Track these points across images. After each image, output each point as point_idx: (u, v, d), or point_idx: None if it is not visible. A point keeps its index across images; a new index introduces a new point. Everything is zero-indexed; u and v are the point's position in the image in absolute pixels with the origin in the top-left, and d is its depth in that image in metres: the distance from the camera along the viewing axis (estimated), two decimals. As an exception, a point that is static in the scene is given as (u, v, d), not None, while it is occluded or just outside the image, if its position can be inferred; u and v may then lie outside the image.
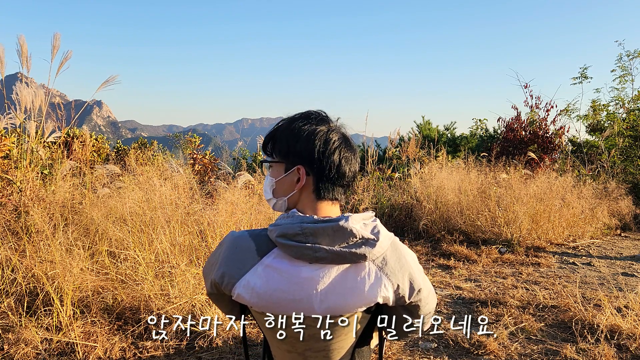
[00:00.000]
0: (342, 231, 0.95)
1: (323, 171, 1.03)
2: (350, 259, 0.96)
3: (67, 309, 2.50)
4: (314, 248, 0.95)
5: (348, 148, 1.06)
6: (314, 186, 1.04)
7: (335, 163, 1.03)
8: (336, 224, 0.96)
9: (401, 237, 5.47)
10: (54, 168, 4.12)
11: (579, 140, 10.43)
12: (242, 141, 10.02)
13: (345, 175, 1.06)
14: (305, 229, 0.96)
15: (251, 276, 0.98)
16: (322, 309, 0.97)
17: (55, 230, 3.03)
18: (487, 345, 2.57)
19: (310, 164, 1.03)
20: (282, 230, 0.97)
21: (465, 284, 3.82)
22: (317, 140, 1.03)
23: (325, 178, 1.04)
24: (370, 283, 0.97)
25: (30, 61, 3.88)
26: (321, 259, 0.95)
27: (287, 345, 1.06)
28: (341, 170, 1.04)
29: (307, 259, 0.96)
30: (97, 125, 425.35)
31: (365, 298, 0.97)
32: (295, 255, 0.96)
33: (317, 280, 0.96)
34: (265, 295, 0.97)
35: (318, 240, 0.96)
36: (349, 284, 0.97)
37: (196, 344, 2.54)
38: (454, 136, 12.66)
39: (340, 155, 1.04)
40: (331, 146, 1.03)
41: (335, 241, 0.96)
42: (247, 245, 1.01)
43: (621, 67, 11.05)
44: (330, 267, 0.97)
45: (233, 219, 3.47)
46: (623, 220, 6.52)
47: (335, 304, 0.97)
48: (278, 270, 0.97)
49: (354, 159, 1.08)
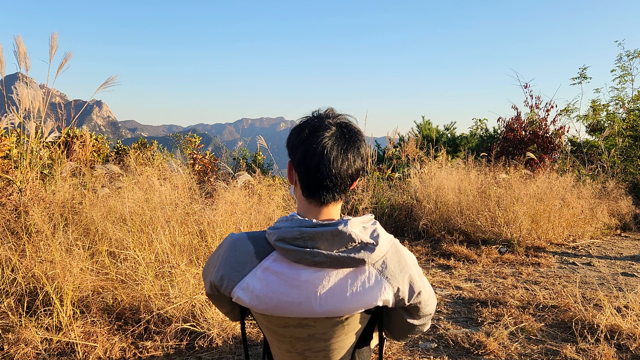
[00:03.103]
0: (341, 236, 0.94)
1: (306, 170, 1.00)
2: (349, 264, 0.96)
3: (67, 309, 2.50)
4: (313, 253, 0.94)
5: (341, 146, 0.99)
6: (302, 185, 1.03)
7: (315, 162, 0.98)
8: (335, 228, 0.95)
9: (401, 237, 5.47)
10: (54, 168, 4.12)
11: (578, 140, 10.43)
12: (242, 141, 10.01)
13: (331, 176, 0.99)
14: (304, 233, 0.95)
15: (250, 279, 0.98)
16: (322, 311, 0.97)
17: (55, 230, 3.03)
18: (487, 345, 2.57)
19: (294, 161, 1.03)
20: (281, 234, 0.96)
21: (465, 284, 3.82)
22: (301, 136, 1.00)
23: (308, 177, 1.00)
24: (370, 286, 0.96)
25: (28, 61, 3.89)
26: (320, 264, 0.95)
27: (287, 345, 1.06)
28: (323, 170, 0.98)
29: (306, 262, 0.95)
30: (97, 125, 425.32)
31: (366, 301, 0.97)
32: (294, 259, 0.96)
33: (316, 284, 0.96)
34: (265, 298, 0.97)
35: (317, 244, 0.95)
36: (349, 288, 0.96)
37: (196, 344, 2.54)
38: (454, 136, 12.66)
39: (325, 154, 0.98)
40: (315, 143, 0.98)
41: (333, 245, 0.95)
42: (246, 248, 1.01)
43: (621, 67, 11.06)
44: (330, 270, 0.96)
45: (233, 219, 3.47)
46: (623, 220, 6.52)
47: (335, 307, 0.96)
48: (277, 273, 0.97)
49: (349, 158, 1.00)
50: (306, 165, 0.99)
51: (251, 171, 6.81)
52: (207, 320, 2.66)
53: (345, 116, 1.05)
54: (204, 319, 2.67)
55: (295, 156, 1.02)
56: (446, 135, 12.67)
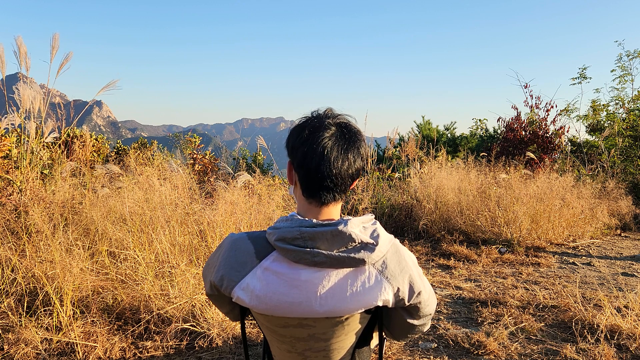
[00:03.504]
0: (341, 236, 0.95)
1: (307, 170, 1.00)
2: (349, 264, 0.96)
3: (67, 309, 2.50)
4: (313, 252, 0.94)
5: (341, 146, 0.99)
6: (302, 186, 1.03)
7: (315, 162, 0.98)
8: (335, 228, 0.95)
9: (401, 237, 5.47)
10: (54, 168, 4.12)
11: (578, 140, 10.43)
12: (242, 141, 10.01)
13: (332, 176, 0.99)
14: (304, 233, 0.95)
15: (250, 279, 0.98)
16: (322, 311, 0.97)
17: (55, 230, 3.03)
18: (487, 345, 2.57)
19: (293, 162, 1.03)
20: (281, 234, 0.96)
21: (465, 284, 3.82)
22: (301, 137, 1.00)
23: (309, 178, 1.00)
24: (370, 286, 0.96)
25: (29, 61, 3.89)
26: (320, 264, 0.95)
27: (287, 345, 1.06)
28: (324, 170, 0.98)
29: (306, 262, 0.96)
30: (97, 125, 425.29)
31: (366, 301, 0.97)
32: (294, 259, 0.96)
33: (316, 284, 0.96)
34: (265, 298, 0.97)
35: (317, 244, 0.95)
36: (349, 288, 0.96)
37: (196, 344, 2.54)
38: (454, 136, 12.66)
39: (325, 154, 0.98)
40: (315, 143, 0.98)
41: (333, 245, 0.95)
42: (246, 248, 1.01)
43: (621, 67, 11.06)
44: (330, 270, 0.96)
45: (233, 219, 3.47)
46: (623, 220, 6.52)
47: (335, 307, 0.96)
48: (277, 273, 0.97)
49: (350, 158, 1.00)
50: (306, 165, 0.99)
51: (251, 171, 6.81)
52: (207, 320, 2.66)
53: (344, 116, 1.05)
54: (204, 319, 2.67)
55: (295, 157, 1.01)
56: (446, 135, 12.68)
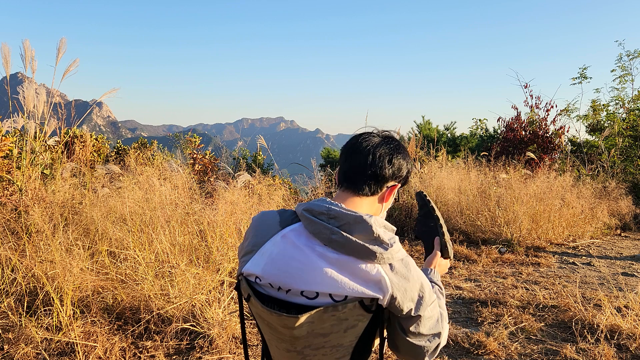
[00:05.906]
0: (363, 224, 1.00)
1: (351, 162, 1.13)
2: (361, 253, 0.99)
3: (67, 308, 2.50)
4: (332, 230, 1.00)
5: (386, 147, 1.12)
6: (340, 176, 1.16)
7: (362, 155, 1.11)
8: (359, 215, 1.01)
9: (401, 237, 5.47)
10: (54, 168, 4.12)
11: (578, 140, 10.43)
12: (242, 141, 10.02)
13: (373, 167, 1.10)
14: (331, 211, 1.02)
15: (270, 244, 1.06)
16: (323, 285, 1.00)
17: (55, 230, 3.03)
18: (487, 345, 2.57)
19: (341, 158, 1.19)
20: (309, 205, 1.05)
21: (465, 283, 3.82)
22: (352, 141, 1.16)
23: (350, 166, 1.13)
24: (371, 276, 0.99)
25: (35, 64, 3.90)
26: (335, 242, 0.99)
27: (287, 343, 1.06)
28: (366, 162, 1.10)
29: (323, 238, 1.00)
30: (97, 125, 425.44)
31: (362, 288, 0.99)
32: (314, 230, 1.01)
33: (326, 258, 1.00)
34: (278, 260, 1.02)
35: (338, 224, 1.01)
36: (352, 270, 1.00)
37: (196, 344, 2.54)
38: (454, 136, 12.67)
39: (371, 148, 1.11)
40: (364, 142, 1.12)
41: (353, 231, 1.00)
42: (273, 217, 1.11)
43: (621, 67, 11.06)
44: (341, 252, 1.00)
45: (233, 219, 3.47)
46: (623, 220, 6.52)
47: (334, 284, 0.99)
48: (293, 243, 1.03)
49: (393, 159, 1.12)
50: (352, 157, 1.12)
51: (251, 171, 6.81)
52: (207, 320, 2.66)
53: (390, 132, 1.20)
54: (204, 319, 2.67)
55: (343, 153, 1.16)
56: (446, 135, 12.68)
